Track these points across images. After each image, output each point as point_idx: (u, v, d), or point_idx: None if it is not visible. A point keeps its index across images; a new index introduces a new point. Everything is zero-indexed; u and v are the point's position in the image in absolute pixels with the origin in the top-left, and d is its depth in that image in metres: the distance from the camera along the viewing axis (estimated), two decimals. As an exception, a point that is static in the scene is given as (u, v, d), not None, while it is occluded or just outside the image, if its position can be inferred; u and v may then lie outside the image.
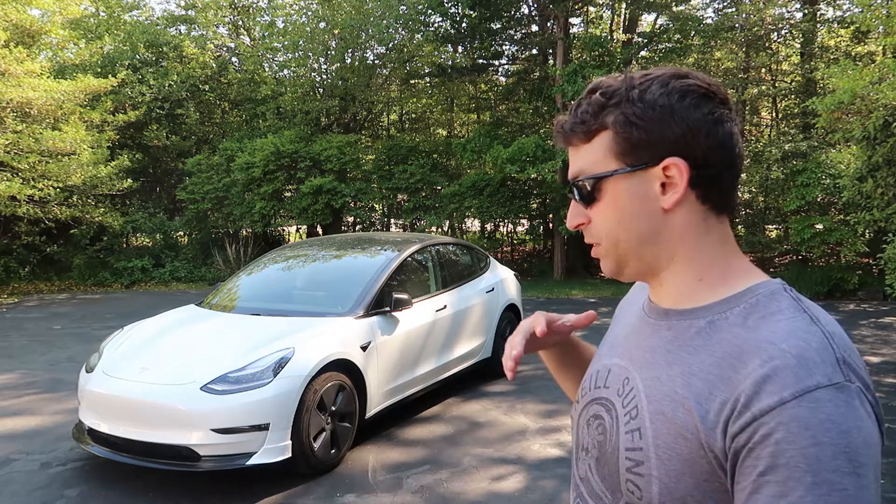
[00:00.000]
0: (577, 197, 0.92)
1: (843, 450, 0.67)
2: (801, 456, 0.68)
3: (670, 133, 0.83)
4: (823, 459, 0.67)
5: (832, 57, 13.70)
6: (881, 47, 10.81)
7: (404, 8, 14.86)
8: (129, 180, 13.63)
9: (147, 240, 16.54)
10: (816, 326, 0.77)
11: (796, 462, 0.68)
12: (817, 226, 11.69)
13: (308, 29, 15.66)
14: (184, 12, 17.76)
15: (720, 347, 0.79)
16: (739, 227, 14.78)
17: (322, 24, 15.57)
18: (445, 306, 5.61)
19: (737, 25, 14.13)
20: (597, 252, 0.94)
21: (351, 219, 16.12)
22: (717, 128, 0.83)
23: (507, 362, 1.00)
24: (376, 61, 16.61)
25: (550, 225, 15.56)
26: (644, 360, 0.88)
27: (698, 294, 0.86)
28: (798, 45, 15.56)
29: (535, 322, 1.03)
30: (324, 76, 16.76)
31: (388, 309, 4.90)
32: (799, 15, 14.99)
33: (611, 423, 0.88)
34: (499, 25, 15.12)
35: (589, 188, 0.89)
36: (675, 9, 14.60)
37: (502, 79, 18.04)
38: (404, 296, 4.95)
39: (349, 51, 15.92)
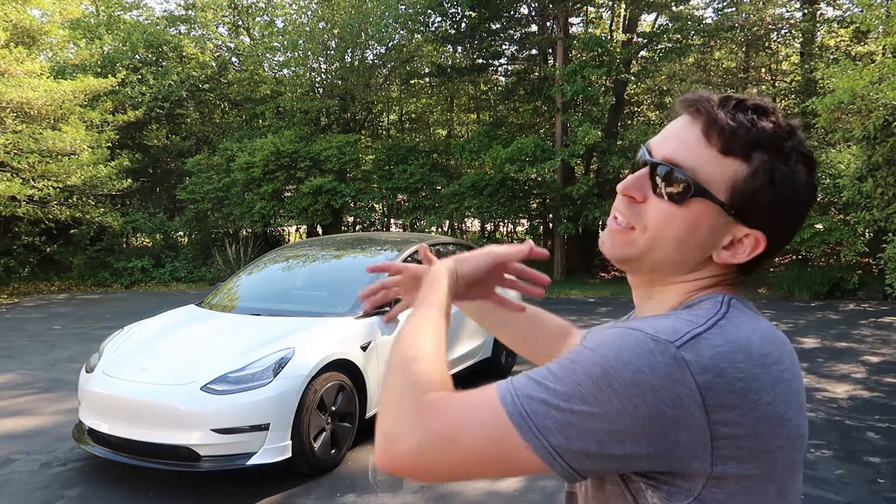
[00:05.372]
0: (660, 176, 0.81)
1: (609, 368, 0.71)
2: (576, 353, 0.75)
3: (783, 219, 0.82)
4: (588, 362, 0.73)
5: (832, 57, 13.69)
6: (881, 47, 10.80)
7: (404, 7, 14.86)
8: (129, 180, 13.63)
9: (147, 240, 16.55)
10: (711, 317, 0.77)
11: (573, 355, 0.75)
12: (817, 226, 11.69)
13: (307, 28, 15.67)
14: (183, 12, 17.77)
15: None
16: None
17: (321, 24, 15.58)
18: (445, 306, 5.61)
19: (736, 25, 14.13)
20: (621, 232, 0.85)
21: (351, 219, 16.13)
22: (801, 225, 0.86)
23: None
24: (376, 61, 16.62)
25: (550, 225, 15.56)
26: None
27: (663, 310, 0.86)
28: (798, 45, 15.57)
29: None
30: (323, 76, 16.77)
31: (388, 309, 4.89)
32: (799, 15, 14.99)
33: None
34: (498, 25, 15.13)
35: (684, 189, 0.80)
36: (674, 9, 14.60)
37: (502, 79, 18.05)
38: (404, 296, 4.95)
39: (349, 50, 15.93)
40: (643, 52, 15.84)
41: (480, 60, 16.30)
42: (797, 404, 0.77)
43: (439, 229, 15.49)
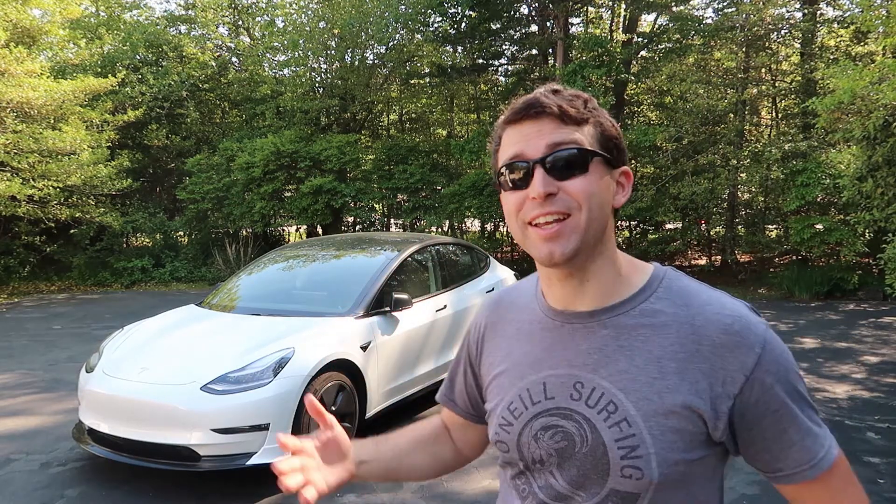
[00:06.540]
0: (559, 164, 0.92)
1: (794, 363, 0.94)
2: (787, 382, 0.92)
3: (623, 151, 1.00)
4: (796, 376, 0.93)
5: (832, 57, 13.69)
6: (881, 47, 10.79)
7: (404, 7, 14.86)
8: (128, 180, 13.63)
9: (147, 240, 16.54)
10: (716, 290, 0.98)
11: (790, 388, 0.92)
12: (817, 226, 11.67)
13: (308, 28, 15.66)
14: (184, 12, 17.77)
15: (671, 330, 0.93)
16: (739, 227, 14.77)
17: (322, 24, 15.57)
18: (445, 306, 5.61)
19: (737, 25, 14.10)
20: (562, 226, 0.91)
21: (351, 219, 16.12)
22: None
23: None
24: (376, 61, 16.62)
25: (550, 225, 15.54)
26: (595, 361, 0.95)
27: (619, 288, 0.98)
28: (798, 45, 15.54)
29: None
30: (323, 76, 16.77)
31: (388, 309, 4.90)
32: (799, 15, 14.98)
33: (577, 427, 0.94)
34: (498, 25, 15.13)
35: (583, 158, 0.93)
36: (675, 9, 14.59)
37: (502, 79, 18.04)
38: (404, 296, 4.95)
39: (349, 50, 15.92)
40: (643, 52, 15.83)
41: (480, 60, 16.29)
42: None
43: (439, 229, 15.49)
